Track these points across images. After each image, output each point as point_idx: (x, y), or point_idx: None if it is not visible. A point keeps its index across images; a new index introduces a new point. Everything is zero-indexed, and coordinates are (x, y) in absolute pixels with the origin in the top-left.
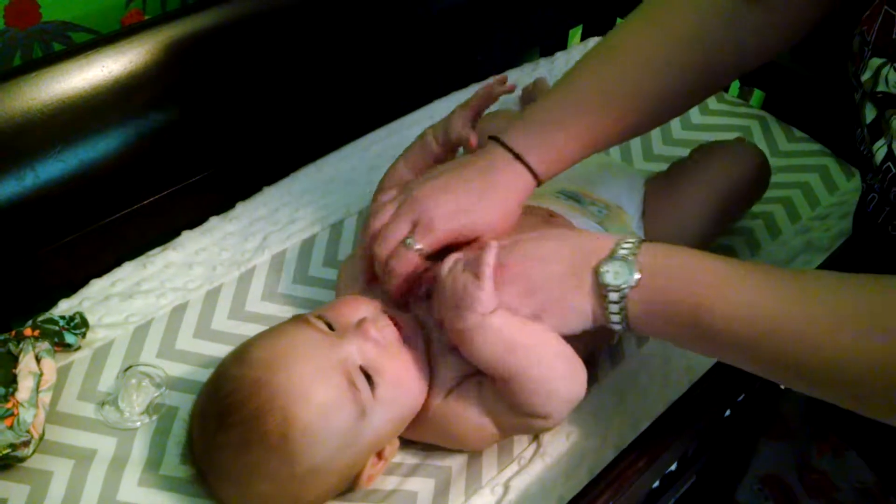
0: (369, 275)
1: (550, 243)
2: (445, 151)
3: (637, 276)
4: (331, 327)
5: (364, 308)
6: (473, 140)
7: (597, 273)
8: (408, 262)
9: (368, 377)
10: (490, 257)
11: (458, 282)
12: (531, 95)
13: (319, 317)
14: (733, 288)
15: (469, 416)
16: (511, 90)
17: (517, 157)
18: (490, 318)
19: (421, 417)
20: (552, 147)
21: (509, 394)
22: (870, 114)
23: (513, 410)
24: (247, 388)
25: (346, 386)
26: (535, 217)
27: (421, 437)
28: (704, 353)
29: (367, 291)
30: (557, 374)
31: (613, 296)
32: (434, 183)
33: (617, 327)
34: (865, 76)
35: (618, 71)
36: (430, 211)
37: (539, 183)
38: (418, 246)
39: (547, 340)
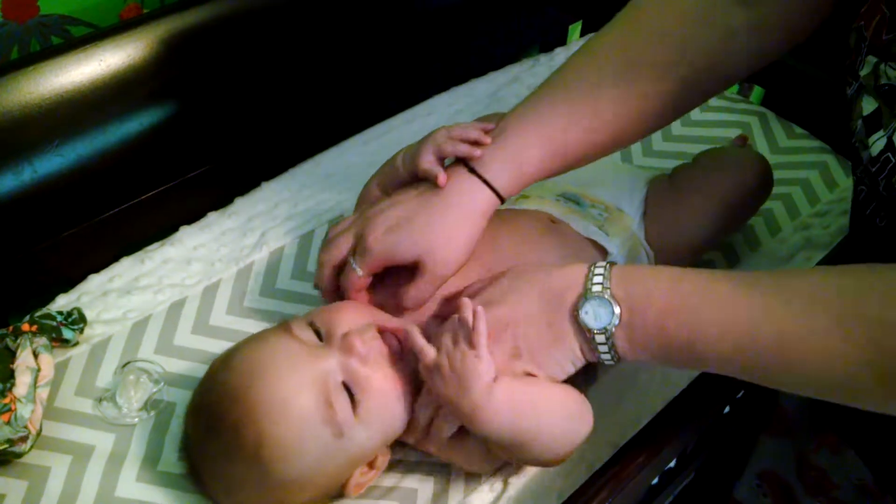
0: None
1: (518, 295)
2: (412, 178)
3: (617, 311)
4: (319, 335)
5: (354, 317)
6: (442, 179)
7: (576, 318)
8: (352, 283)
9: (351, 393)
10: (481, 325)
11: (456, 360)
12: None
13: (310, 323)
14: (709, 307)
15: (472, 456)
16: (485, 144)
17: (473, 172)
18: (494, 389)
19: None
20: (515, 163)
21: (519, 452)
22: (869, 106)
23: (521, 460)
24: (229, 398)
25: (323, 404)
26: (536, 222)
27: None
28: (701, 370)
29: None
30: (564, 424)
31: (600, 337)
32: (384, 202)
33: (609, 363)
34: (864, 71)
35: (596, 77)
36: (368, 230)
37: (502, 200)
38: (355, 267)
39: (550, 394)
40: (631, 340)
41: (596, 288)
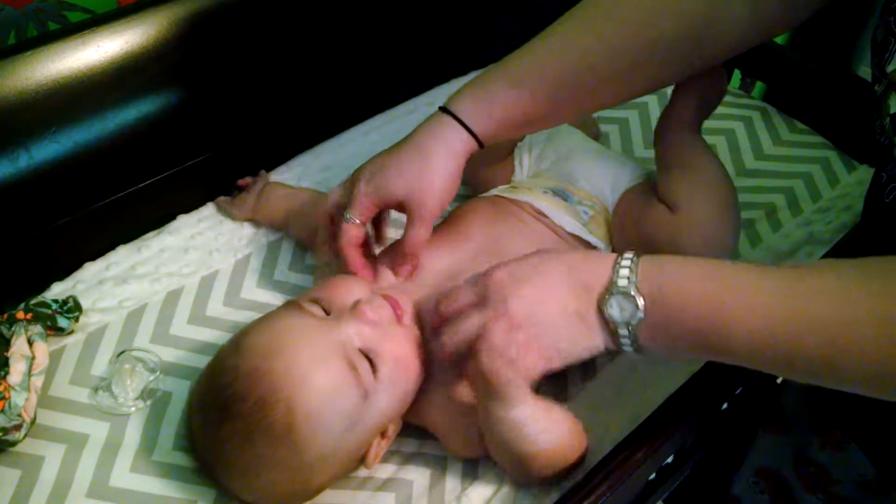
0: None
1: (546, 278)
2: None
3: (641, 304)
4: (326, 310)
5: (357, 289)
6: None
7: (601, 310)
8: (347, 236)
9: (368, 359)
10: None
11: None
12: None
13: (313, 300)
14: (738, 304)
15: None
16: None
17: (448, 113)
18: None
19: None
20: (491, 101)
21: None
22: (895, 104)
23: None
24: (246, 379)
25: (348, 370)
26: (526, 213)
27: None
28: (727, 361)
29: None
30: (555, 447)
31: (623, 330)
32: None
33: (633, 355)
34: (892, 66)
35: (589, 28)
36: (356, 179)
37: (481, 143)
38: (349, 218)
39: (555, 421)
40: (653, 336)
41: (622, 282)
